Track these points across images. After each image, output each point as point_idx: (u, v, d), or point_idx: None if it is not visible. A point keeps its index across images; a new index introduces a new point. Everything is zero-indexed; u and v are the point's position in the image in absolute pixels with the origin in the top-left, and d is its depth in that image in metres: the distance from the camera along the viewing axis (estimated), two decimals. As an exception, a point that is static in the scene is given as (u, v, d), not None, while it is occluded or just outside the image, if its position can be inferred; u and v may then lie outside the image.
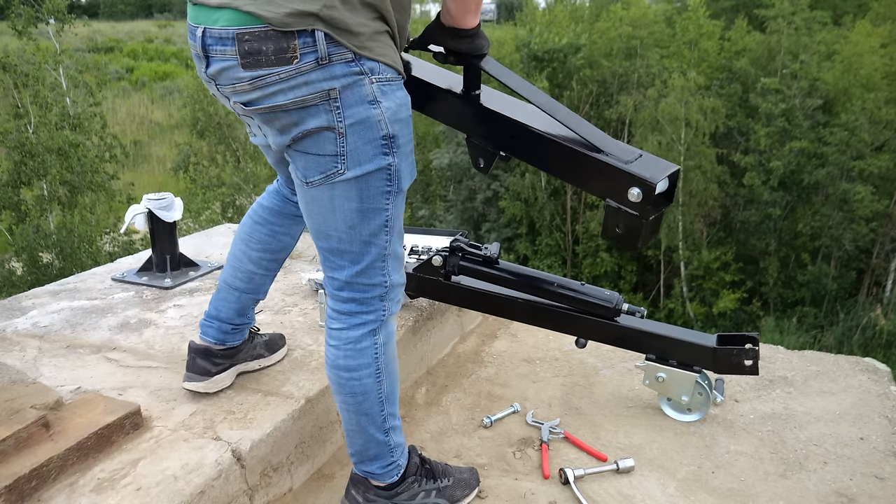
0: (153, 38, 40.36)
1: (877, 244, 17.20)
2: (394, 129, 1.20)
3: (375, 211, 1.24)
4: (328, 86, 1.13)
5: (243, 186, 14.26)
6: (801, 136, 17.14)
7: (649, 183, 1.30)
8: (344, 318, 1.32)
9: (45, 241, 10.34)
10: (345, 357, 1.32)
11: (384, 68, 1.18)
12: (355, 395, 1.34)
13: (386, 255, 1.29)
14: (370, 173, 1.20)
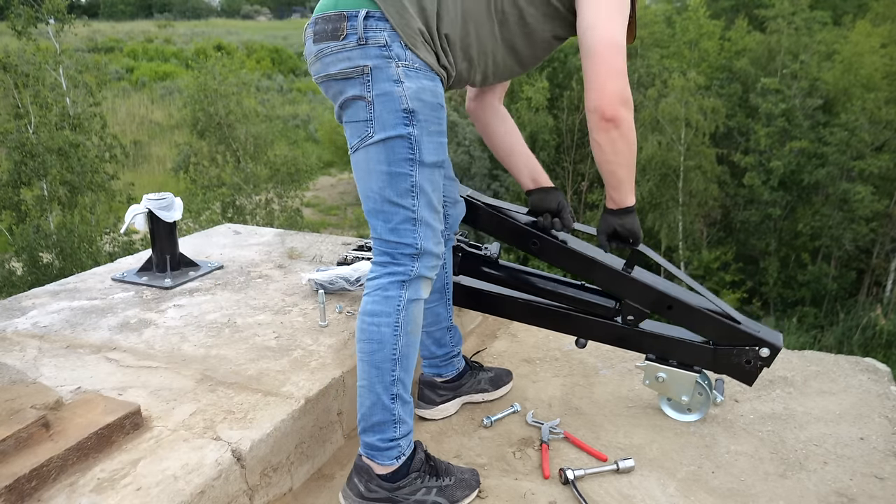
0: (153, 38, 40.33)
1: (877, 244, 17.20)
2: (413, 105, 1.39)
3: (401, 175, 1.41)
4: (363, 63, 1.37)
5: (243, 186, 14.25)
6: (801, 136, 17.14)
7: (776, 345, 1.78)
8: (377, 268, 1.48)
9: (45, 241, 10.34)
10: (371, 302, 1.46)
11: (412, 57, 1.39)
12: (371, 341, 1.45)
13: (415, 220, 1.43)
14: (392, 138, 1.39)
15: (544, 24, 1.51)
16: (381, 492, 1.48)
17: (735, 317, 1.82)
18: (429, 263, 1.47)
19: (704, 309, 1.80)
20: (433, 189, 1.46)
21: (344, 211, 20.90)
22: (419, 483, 1.50)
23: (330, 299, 2.17)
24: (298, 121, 27.14)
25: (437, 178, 1.47)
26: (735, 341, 1.80)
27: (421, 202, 1.44)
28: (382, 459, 1.47)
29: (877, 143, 16.45)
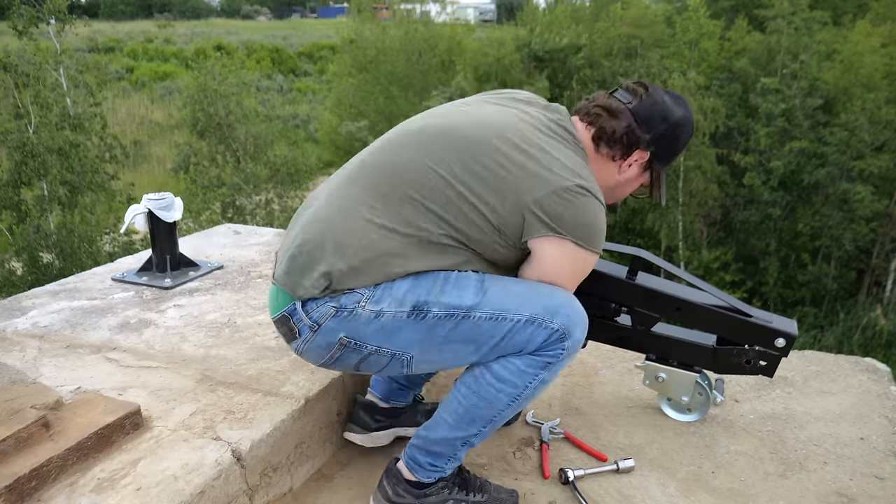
0: (153, 38, 40.32)
1: (877, 244, 17.19)
2: (411, 302, 1.36)
3: (470, 327, 1.38)
4: (336, 337, 1.37)
5: (243, 187, 14.23)
6: (801, 136, 17.13)
7: (791, 334, 1.77)
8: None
9: (46, 241, 10.33)
10: (505, 368, 1.40)
11: (359, 291, 1.35)
12: (481, 398, 1.41)
13: (529, 319, 1.37)
14: (437, 326, 1.37)
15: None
16: (407, 497, 1.48)
17: (745, 310, 1.80)
18: (579, 339, 1.41)
19: (713, 306, 1.79)
20: (506, 288, 1.40)
21: (344, 211, 20.86)
22: (446, 493, 1.49)
23: (330, 299, 2.17)
24: (298, 121, 27.12)
25: (488, 283, 1.40)
26: (748, 335, 1.79)
27: (511, 307, 1.37)
28: (417, 474, 1.48)
29: (877, 143, 16.43)
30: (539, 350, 1.38)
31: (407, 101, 20.63)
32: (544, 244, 1.39)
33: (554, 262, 1.41)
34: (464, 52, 21.96)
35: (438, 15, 24.98)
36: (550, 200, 1.35)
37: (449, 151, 1.39)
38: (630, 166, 1.54)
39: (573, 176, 1.37)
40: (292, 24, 55.48)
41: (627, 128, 1.49)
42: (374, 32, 21.60)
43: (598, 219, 1.40)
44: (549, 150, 1.40)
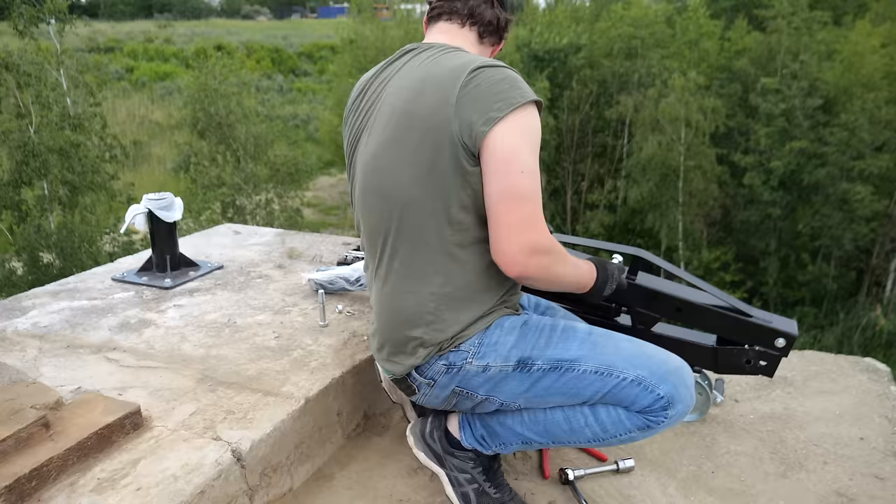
0: (153, 38, 40.32)
1: (877, 244, 17.20)
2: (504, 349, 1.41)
3: (562, 374, 1.39)
4: (450, 389, 1.44)
5: (243, 186, 14.23)
6: (801, 136, 17.13)
7: (792, 334, 1.73)
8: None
9: (46, 241, 10.34)
10: (609, 414, 1.39)
11: (463, 345, 1.41)
12: (568, 423, 1.42)
13: (627, 379, 1.36)
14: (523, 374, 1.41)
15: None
16: (438, 444, 1.55)
17: (745, 310, 1.81)
18: (682, 411, 1.38)
19: (713, 306, 1.79)
20: (616, 344, 1.41)
21: (344, 211, 20.89)
22: (469, 466, 1.53)
23: (330, 299, 2.17)
24: (298, 121, 27.13)
25: (596, 337, 1.42)
26: (748, 335, 1.79)
27: (618, 364, 1.36)
28: (465, 436, 1.52)
29: (877, 143, 16.43)
30: (642, 412, 1.37)
31: (407, 101, 20.59)
32: (490, 139, 1.27)
33: (501, 139, 1.28)
34: (464, 52, 21.94)
35: (438, 15, 24.94)
36: (463, 100, 1.28)
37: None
38: (497, 50, 1.57)
39: (468, 63, 1.32)
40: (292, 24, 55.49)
41: (500, 14, 1.51)
42: (375, 32, 21.59)
43: (507, 75, 1.31)
44: (430, 64, 1.37)
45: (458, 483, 1.53)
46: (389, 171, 1.38)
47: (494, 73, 1.31)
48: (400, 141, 1.36)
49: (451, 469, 1.55)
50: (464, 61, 1.34)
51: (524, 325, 1.42)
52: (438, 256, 1.36)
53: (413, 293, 1.39)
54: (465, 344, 1.39)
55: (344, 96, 22.55)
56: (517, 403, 1.42)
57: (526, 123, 1.31)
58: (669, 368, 1.38)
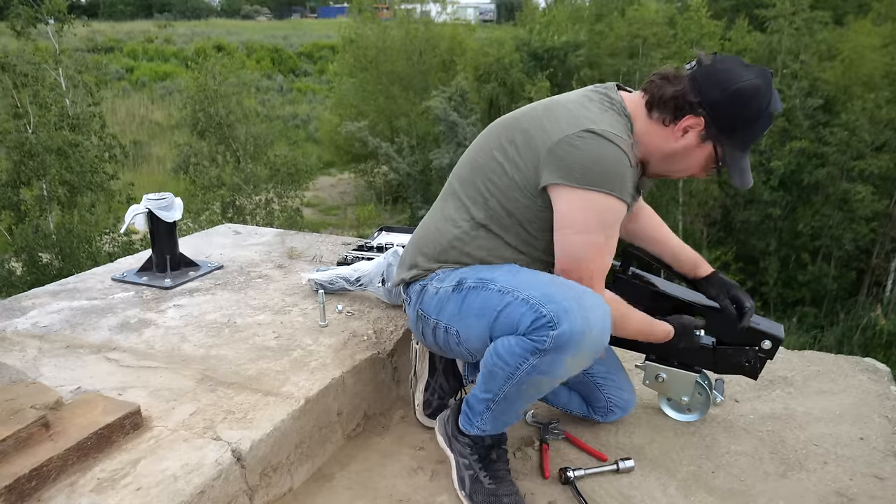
0: (153, 38, 40.26)
1: (877, 244, 17.18)
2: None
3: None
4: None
5: (243, 187, 14.23)
6: (801, 136, 17.12)
7: (778, 337, 1.77)
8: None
9: (45, 241, 10.32)
10: (502, 341, 1.44)
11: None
12: (486, 366, 1.48)
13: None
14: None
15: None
16: (449, 428, 1.65)
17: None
18: (570, 333, 1.39)
19: (703, 305, 1.80)
20: (534, 274, 1.51)
21: (344, 211, 20.89)
22: (467, 452, 1.60)
23: (330, 299, 2.17)
24: (298, 121, 27.12)
25: (524, 269, 1.54)
26: (735, 335, 1.79)
27: (521, 286, 1.44)
28: (462, 420, 1.60)
29: (877, 142, 16.42)
30: (527, 333, 1.38)
31: (407, 100, 20.62)
32: (557, 194, 1.46)
33: (568, 205, 1.45)
34: (465, 51, 21.97)
35: (439, 15, 24.98)
36: (558, 148, 1.43)
37: (490, 137, 1.62)
38: (685, 133, 1.50)
39: (587, 123, 1.43)
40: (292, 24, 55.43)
41: (677, 91, 1.47)
42: (375, 32, 21.59)
43: (605, 158, 1.41)
44: (572, 108, 1.49)
45: (459, 467, 1.61)
46: (488, 146, 1.59)
47: (598, 148, 1.41)
48: (508, 134, 1.55)
49: (456, 453, 1.63)
50: (590, 117, 1.46)
51: (483, 264, 1.58)
52: (468, 220, 1.58)
53: (437, 229, 1.63)
54: (438, 270, 1.61)
55: (344, 96, 22.58)
56: (454, 328, 1.54)
57: (597, 204, 1.44)
58: (566, 294, 1.38)
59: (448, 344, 1.60)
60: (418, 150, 19.45)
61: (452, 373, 1.88)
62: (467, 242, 1.58)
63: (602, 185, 1.42)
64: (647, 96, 1.51)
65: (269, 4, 67.66)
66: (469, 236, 1.58)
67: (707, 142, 1.50)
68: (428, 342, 1.68)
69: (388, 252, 2.17)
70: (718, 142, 1.50)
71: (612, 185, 1.42)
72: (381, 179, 21.52)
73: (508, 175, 1.52)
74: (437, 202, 1.71)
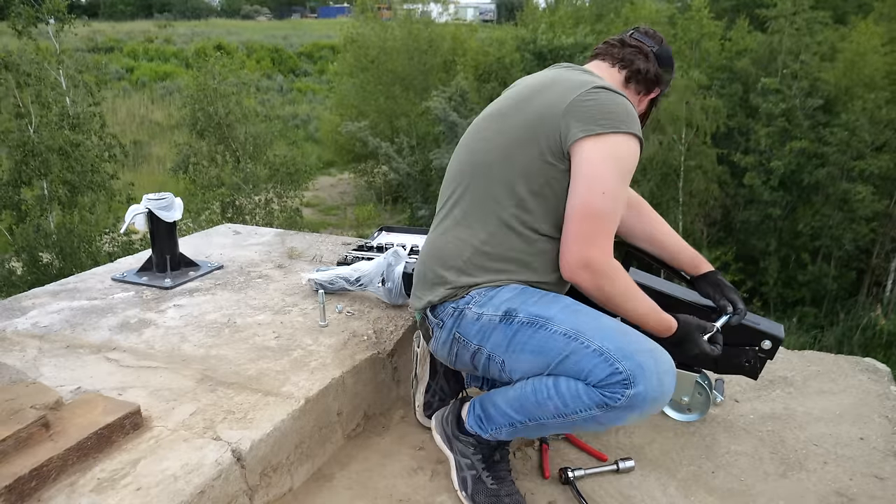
0: (153, 38, 40.26)
1: (877, 244, 17.18)
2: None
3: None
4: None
5: (243, 186, 14.23)
6: (801, 136, 17.12)
7: (778, 337, 1.77)
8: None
9: (45, 241, 10.32)
10: (568, 382, 1.40)
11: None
12: (534, 393, 1.44)
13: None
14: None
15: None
16: (448, 427, 1.64)
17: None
18: (645, 395, 1.35)
19: (702, 305, 1.80)
20: (595, 316, 1.47)
21: (344, 211, 20.89)
22: (470, 452, 1.59)
23: (330, 299, 2.17)
24: (298, 121, 27.12)
25: (581, 308, 1.49)
26: (736, 335, 1.79)
27: (588, 332, 1.41)
28: (469, 419, 1.59)
29: (877, 143, 16.42)
30: (599, 385, 1.35)
31: (408, 100, 20.62)
32: (582, 147, 1.44)
33: (591, 155, 1.44)
34: (466, 51, 21.97)
35: (440, 15, 24.98)
36: (575, 106, 1.46)
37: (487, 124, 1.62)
38: (646, 101, 1.71)
39: (594, 80, 1.52)
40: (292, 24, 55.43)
41: (654, 71, 1.66)
42: (376, 32, 21.59)
43: (620, 104, 1.48)
44: (566, 77, 1.55)
45: (460, 467, 1.60)
46: (484, 134, 1.59)
47: (613, 98, 1.48)
48: (506, 115, 1.56)
49: (457, 453, 1.61)
50: (593, 79, 1.53)
51: (526, 289, 1.51)
52: (492, 218, 1.52)
53: (457, 238, 1.55)
54: (473, 292, 1.51)
55: (344, 96, 22.57)
56: (500, 358, 1.48)
57: (621, 150, 1.45)
58: (640, 348, 1.36)
59: (488, 369, 1.53)
60: (418, 150, 19.44)
61: (454, 376, 1.87)
62: (495, 246, 1.52)
63: (625, 126, 1.46)
64: (626, 71, 1.66)
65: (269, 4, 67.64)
66: (496, 239, 1.52)
67: (648, 104, 1.74)
68: (460, 363, 1.59)
69: (388, 252, 2.17)
70: (655, 102, 1.75)
71: (633, 124, 1.48)
72: (381, 179, 21.53)
73: (519, 151, 1.50)
74: (444, 212, 1.62)
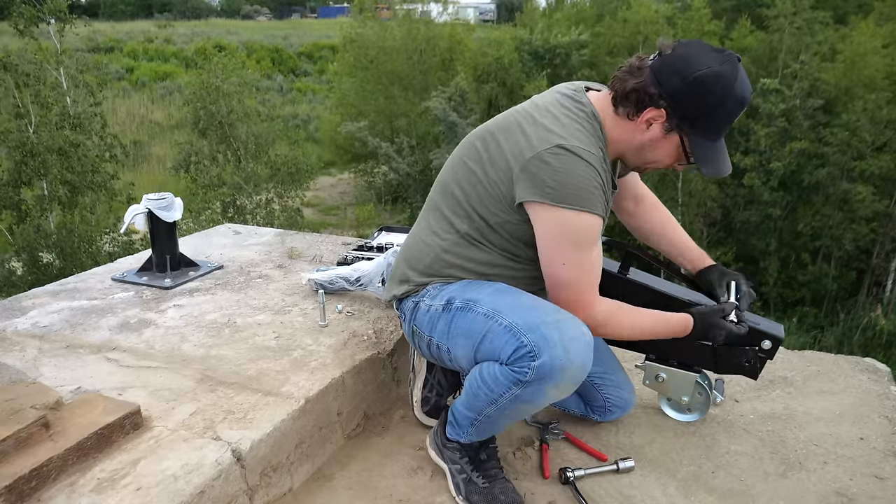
0: (153, 38, 40.26)
1: (877, 244, 17.18)
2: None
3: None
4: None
5: (244, 186, 14.22)
6: (801, 136, 17.12)
7: (778, 336, 1.73)
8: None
9: (46, 241, 10.32)
10: (488, 367, 1.46)
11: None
12: (471, 387, 1.50)
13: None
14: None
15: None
16: (438, 439, 1.68)
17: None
18: (552, 365, 1.38)
19: (702, 303, 1.80)
20: (517, 296, 1.52)
21: (344, 211, 20.89)
22: (458, 457, 1.62)
23: (330, 299, 2.17)
24: (298, 121, 27.12)
25: (508, 290, 1.55)
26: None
27: (505, 311, 1.45)
28: (448, 428, 1.64)
29: (877, 143, 16.42)
30: (509, 362, 1.39)
31: (407, 100, 20.62)
32: (533, 212, 1.46)
33: (544, 227, 1.46)
34: (464, 51, 21.96)
35: (440, 15, 24.97)
36: (531, 164, 1.43)
37: (460, 152, 1.64)
38: (650, 126, 1.48)
39: (557, 138, 1.42)
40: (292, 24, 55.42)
41: (637, 84, 1.45)
42: (375, 32, 21.58)
43: (576, 175, 1.40)
44: (544, 121, 1.47)
45: (452, 474, 1.62)
46: (465, 154, 1.60)
47: (570, 166, 1.40)
48: (485, 144, 1.56)
49: (448, 461, 1.64)
50: (560, 135, 1.43)
51: (473, 281, 1.58)
52: (453, 231, 1.58)
53: (423, 242, 1.64)
54: (429, 286, 1.61)
55: (344, 96, 22.57)
56: (445, 345, 1.56)
57: (570, 224, 1.43)
58: (545, 320, 1.37)
59: (441, 359, 1.63)
60: (418, 150, 19.45)
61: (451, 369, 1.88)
62: (455, 255, 1.59)
63: (575, 202, 1.41)
64: (612, 93, 1.51)
65: (269, 4, 67.64)
66: (456, 248, 1.58)
67: (672, 133, 1.48)
68: (425, 355, 1.70)
69: (388, 252, 2.17)
70: (683, 132, 1.47)
71: (584, 201, 1.41)
72: (380, 179, 21.53)
73: (483, 185, 1.52)
74: (421, 214, 1.71)
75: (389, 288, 1.74)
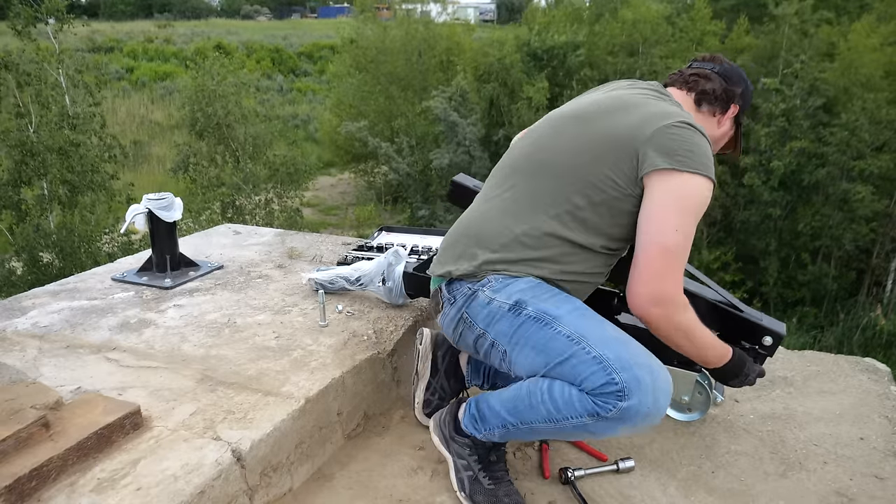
0: (153, 38, 40.25)
1: (877, 244, 17.18)
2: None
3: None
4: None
5: (243, 186, 14.22)
6: (801, 136, 17.12)
7: (779, 333, 1.75)
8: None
9: (45, 241, 10.32)
10: (562, 387, 1.40)
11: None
12: (529, 396, 1.44)
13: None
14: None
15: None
16: (445, 429, 1.65)
17: (737, 305, 1.81)
18: (638, 409, 1.35)
19: (706, 297, 1.80)
20: (601, 324, 1.48)
21: (344, 211, 20.89)
22: (466, 453, 1.60)
23: (330, 299, 2.17)
24: (298, 121, 27.12)
25: (590, 313, 1.50)
26: (737, 330, 1.79)
27: (592, 339, 1.41)
28: (465, 420, 1.61)
29: (877, 142, 16.42)
30: (592, 393, 1.35)
31: (406, 101, 20.62)
32: (657, 180, 1.46)
33: (665, 195, 1.46)
34: (463, 52, 21.95)
35: (439, 15, 24.97)
36: (658, 136, 1.47)
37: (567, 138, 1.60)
38: (726, 120, 1.75)
39: (677, 115, 1.52)
40: (292, 24, 55.41)
41: (722, 87, 1.71)
42: (375, 32, 21.58)
43: (702, 146, 1.49)
44: (654, 103, 1.58)
45: (457, 469, 1.60)
46: (558, 132, 1.61)
47: (696, 137, 1.49)
48: (586, 121, 1.58)
49: (454, 454, 1.62)
50: (679, 111, 1.55)
51: (542, 284, 1.51)
52: (540, 214, 1.53)
53: (499, 222, 1.57)
54: (491, 276, 1.52)
55: (344, 96, 22.57)
56: (503, 347, 1.49)
57: (696, 190, 1.46)
58: (639, 362, 1.36)
59: (489, 356, 1.55)
60: (418, 150, 19.44)
61: (454, 374, 1.88)
62: (534, 240, 1.52)
63: (704, 169, 1.47)
64: (694, 94, 1.71)
65: (269, 4, 67.64)
66: (536, 234, 1.52)
67: (733, 124, 1.79)
68: (463, 343, 1.62)
69: (388, 252, 2.17)
70: (739, 122, 1.79)
71: (710, 170, 1.49)
72: (380, 179, 21.52)
73: (591, 164, 1.51)
74: (493, 196, 1.63)
75: (442, 260, 1.64)
